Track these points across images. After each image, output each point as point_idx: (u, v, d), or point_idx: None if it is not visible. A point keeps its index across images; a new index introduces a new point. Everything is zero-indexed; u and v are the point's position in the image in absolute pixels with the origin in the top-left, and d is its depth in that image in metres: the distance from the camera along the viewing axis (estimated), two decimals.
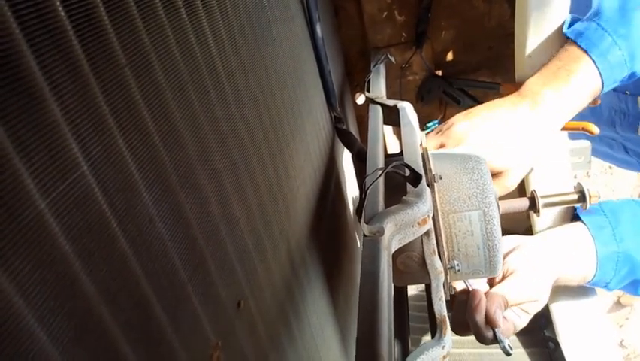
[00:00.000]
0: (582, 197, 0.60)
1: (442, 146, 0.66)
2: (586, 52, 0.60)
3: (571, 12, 0.70)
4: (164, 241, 0.27)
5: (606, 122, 0.87)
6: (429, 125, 1.22)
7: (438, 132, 0.68)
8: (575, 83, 0.61)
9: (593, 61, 0.60)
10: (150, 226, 0.25)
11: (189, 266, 0.29)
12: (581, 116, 0.80)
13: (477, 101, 1.12)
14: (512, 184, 0.66)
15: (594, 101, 0.69)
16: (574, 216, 0.74)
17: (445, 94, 1.13)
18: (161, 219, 0.26)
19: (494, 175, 0.63)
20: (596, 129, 0.71)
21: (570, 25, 0.65)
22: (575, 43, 0.62)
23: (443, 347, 0.45)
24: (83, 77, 0.22)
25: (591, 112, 0.92)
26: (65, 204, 0.20)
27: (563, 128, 0.74)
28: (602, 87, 0.62)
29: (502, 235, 0.56)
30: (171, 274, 0.27)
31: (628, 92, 0.83)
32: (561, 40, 0.68)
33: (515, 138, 0.62)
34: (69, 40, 0.21)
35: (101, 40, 0.23)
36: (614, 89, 0.71)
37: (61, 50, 0.21)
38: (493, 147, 0.63)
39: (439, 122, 1.21)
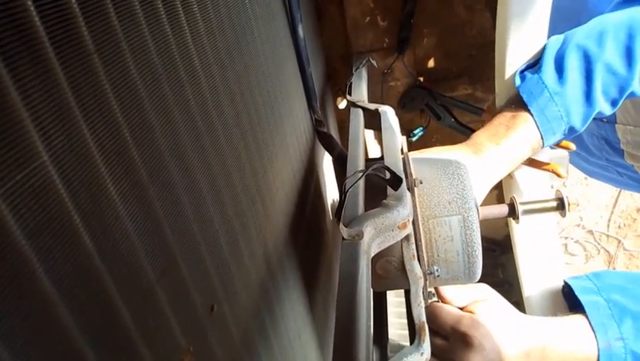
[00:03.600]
0: (561, 204, 0.61)
1: None
2: (526, 105, 0.65)
3: (556, 20, 0.70)
4: (131, 240, 0.25)
5: (595, 148, 0.88)
6: (415, 132, 1.22)
7: None
8: (514, 137, 0.66)
9: (532, 115, 0.65)
10: (117, 223, 0.24)
11: (159, 267, 0.28)
12: (573, 141, 0.81)
13: (458, 122, 1.13)
14: None
15: (567, 147, 0.74)
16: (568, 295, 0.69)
17: (427, 107, 1.14)
18: (128, 216, 0.25)
19: None
20: (564, 173, 0.74)
21: (522, 72, 0.69)
22: (519, 94, 0.67)
23: (422, 354, 0.44)
24: (46, 61, 0.20)
25: (578, 139, 0.92)
26: (22, 195, 0.19)
27: (535, 167, 0.77)
28: (543, 140, 0.66)
29: (482, 241, 0.56)
30: (139, 274, 0.26)
31: (605, 120, 0.83)
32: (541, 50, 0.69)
33: None
34: (31, 20, 0.20)
35: (68, 25, 0.22)
36: (593, 118, 0.72)
37: (21, 31, 0.19)
38: None
39: (424, 130, 1.22)
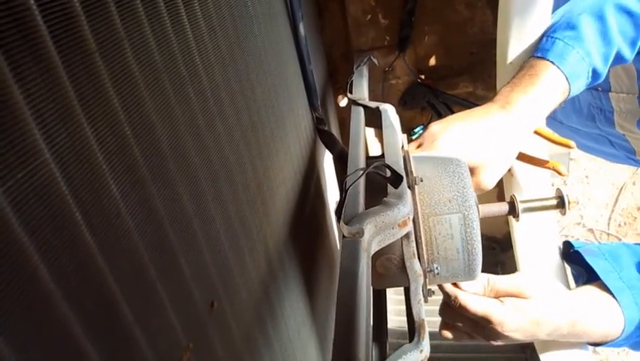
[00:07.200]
0: (561, 202, 0.61)
1: (419, 146, 0.66)
2: (544, 58, 0.64)
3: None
4: (132, 237, 0.25)
5: (587, 117, 0.89)
6: (415, 130, 1.22)
7: (417, 138, 0.69)
8: (541, 84, 0.64)
9: (552, 62, 0.64)
10: (118, 220, 0.24)
11: (159, 263, 0.28)
12: (562, 111, 0.80)
13: None
14: (486, 182, 0.64)
15: (568, 145, 0.73)
16: (569, 254, 0.73)
17: (429, 104, 1.13)
18: (129, 213, 0.25)
19: None
20: (565, 171, 0.74)
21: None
22: (533, 56, 0.66)
23: (421, 351, 0.44)
24: (48, 59, 0.21)
25: (572, 109, 0.94)
26: (24, 193, 0.19)
27: (536, 165, 0.75)
28: (569, 85, 0.64)
29: (482, 239, 0.56)
30: (139, 271, 0.26)
31: (600, 89, 0.85)
32: None
33: (488, 133, 0.63)
34: (33, 19, 0.20)
35: (70, 23, 0.22)
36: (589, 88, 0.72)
37: (23, 30, 0.19)
38: (466, 142, 0.63)
39: (424, 128, 1.22)
